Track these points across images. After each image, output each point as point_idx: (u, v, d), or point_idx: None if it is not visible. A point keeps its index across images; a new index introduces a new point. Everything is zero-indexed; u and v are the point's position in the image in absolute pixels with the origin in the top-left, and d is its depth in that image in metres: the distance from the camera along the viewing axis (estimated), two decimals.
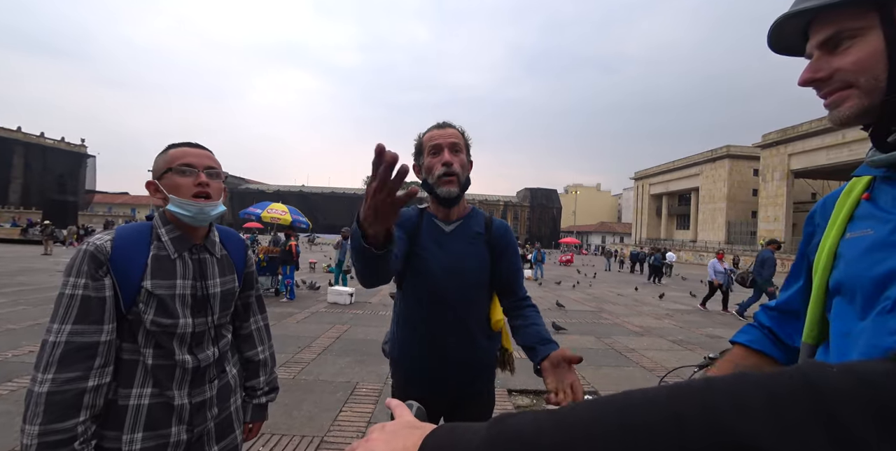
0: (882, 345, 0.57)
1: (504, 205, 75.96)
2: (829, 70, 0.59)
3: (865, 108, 0.58)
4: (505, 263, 1.22)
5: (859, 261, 0.63)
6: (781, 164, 32.15)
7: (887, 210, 0.62)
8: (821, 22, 0.59)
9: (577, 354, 1.04)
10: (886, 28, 0.55)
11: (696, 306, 8.78)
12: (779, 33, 0.64)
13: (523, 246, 25.46)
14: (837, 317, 0.67)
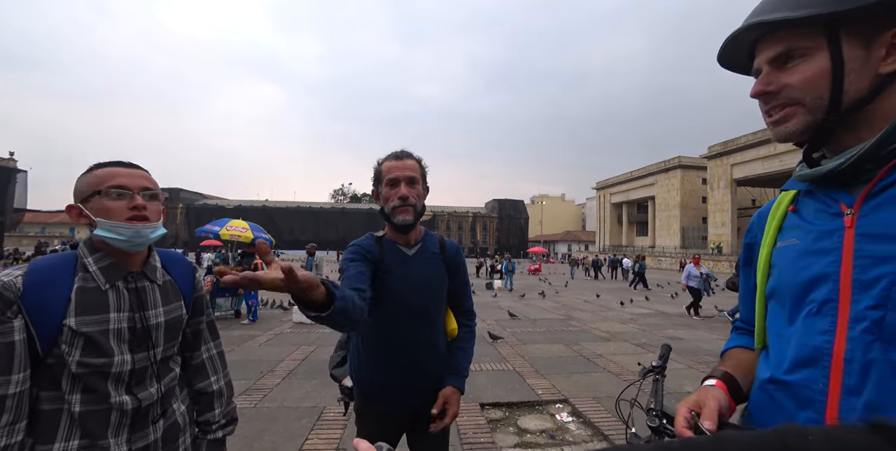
0: (811, 344, 0.61)
1: (473, 216, 76.80)
2: (779, 85, 0.61)
3: (809, 125, 0.61)
4: (458, 278, 1.35)
5: (788, 268, 0.68)
6: (725, 173, 34.80)
7: (810, 221, 0.67)
8: (772, 39, 0.62)
9: (452, 407, 1.24)
10: (833, 51, 0.57)
11: (659, 309, 9.18)
12: (731, 46, 0.66)
13: (493, 256, 25.73)
14: (772, 320, 0.72)
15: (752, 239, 0.80)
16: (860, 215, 0.59)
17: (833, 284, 0.59)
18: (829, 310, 0.59)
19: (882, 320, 0.54)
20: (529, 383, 3.92)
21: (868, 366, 0.54)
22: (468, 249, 74.97)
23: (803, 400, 0.61)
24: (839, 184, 0.63)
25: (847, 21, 0.57)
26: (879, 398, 0.53)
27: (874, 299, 0.55)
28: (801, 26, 0.59)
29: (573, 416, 3.19)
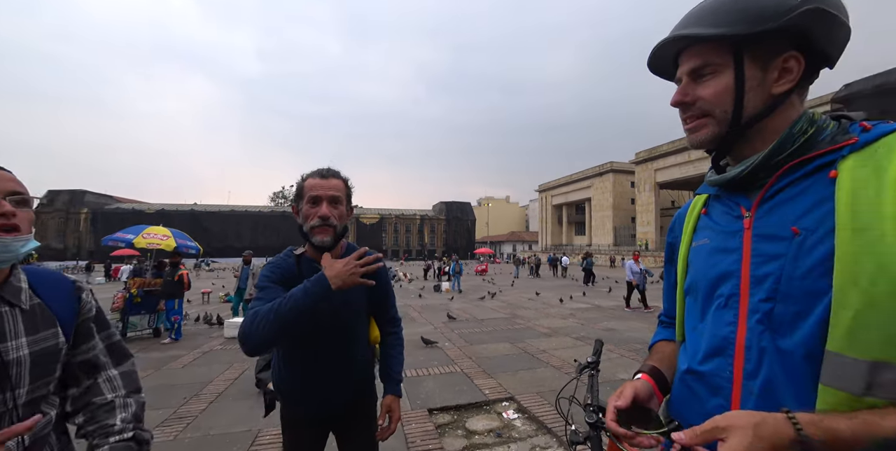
0: (719, 335, 0.65)
1: (421, 219, 76.78)
2: (694, 96, 0.66)
3: (717, 135, 0.66)
4: (380, 289, 1.35)
5: (701, 266, 0.72)
6: (650, 177, 38.40)
7: (718, 223, 0.72)
8: (690, 53, 0.67)
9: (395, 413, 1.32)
10: (737, 69, 0.62)
11: (596, 303, 9.81)
12: (658, 55, 0.71)
13: (441, 259, 25.89)
14: (689, 314, 0.75)
15: (674, 239, 0.86)
16: (756, 218, 0.64)
17: (736, 280, 0.64)
18: (733, 303, 0.64)
19: (771, 312, 0.58)
20: (477, 383, 3.94)
21: (762, 353, 0.59)
22: (416, 251, 74.80)
23: (714, 388, 0.64)
24: (741, 189, 0.69)
25: (749, 44, 0.62)
26: (770, 381, 0.57)
27: (765, 292, 0.59)
28: (714, 44, 0.64)
29: (519, 413, 3.25)
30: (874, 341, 0.49)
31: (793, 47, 0.61)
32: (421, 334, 6.47)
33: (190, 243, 7.22)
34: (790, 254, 0.58)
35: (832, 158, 0.58)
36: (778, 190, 0.62)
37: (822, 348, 0.53)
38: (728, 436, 0.48)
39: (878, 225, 0.50)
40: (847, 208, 0.53)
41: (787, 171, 0.62)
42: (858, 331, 0.50)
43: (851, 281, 0.51)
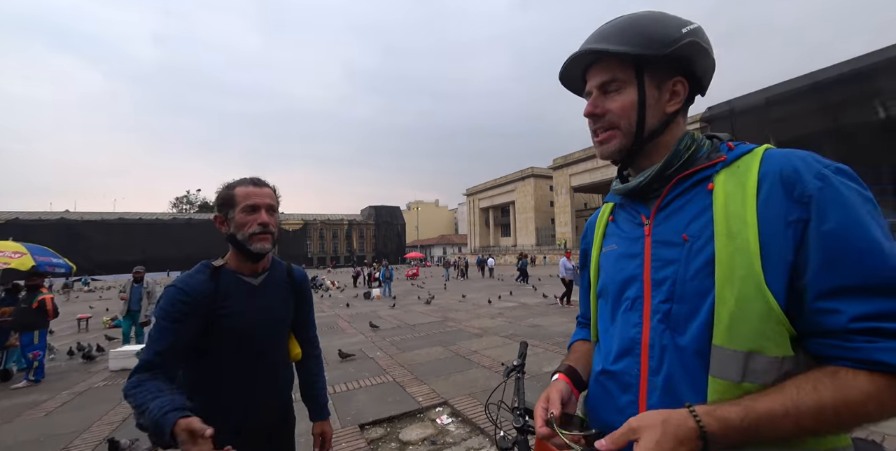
0: (627, 336, 0.68)
1: (348, 224, 74.18)
2: (604, 109, 0.69)
3: (624, 147, 0.70)
4: (305, 306, 1.35)
5: (610, 270, 0.76)
6: (566, 182, 41.98)
7: (623, 229, 0.77)
8: (599, 67, 0.70)
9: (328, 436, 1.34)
10: (639, 87, 0.67)
11: (522, 301, 10.33)
12: (569, 68, 0.74)
13: (371, 265, 25.23)
14: (601, 317, 0.78)
15: (587, 245, 0.90)
16: (654, 225, 0.69)
17: (640, 283, 0.68)
18: (638, 306, 0.68)
19: (669, 312, 0.63)
20: (410, 391, 3.86)
21: (663, 350, 0.63)
22: (344, 257, 72.02)
23: (625, 385, 0.68)
24: (641, 198, 0.74)
25: (648, 65, 0.67)
26: (670, 376, 0.62)
27: (664, 294, 0.64)
28: (620, 61, 0.68)
29: (452, 417, 3.25)
30: (746, 335, 0.55)
31: (679, 74, 0.69)
32: (346, 345, 6.19)
33: (56, 260, 5.92)
34: (682, 259, 0.63)
35: (709, 173, 0.66)
36: (670, 200, 0.69)
37: (707, 340, 0.58)
38: (641, 436, 0.51)
39: (744, 232, 0.57)
40: (722, 217, 0.60)
41: (677, 183, 0.68)
42: (734, 326, 0.56)
43: (727, 281, 0.57)
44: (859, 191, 0.56)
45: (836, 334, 0.52)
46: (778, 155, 0.61)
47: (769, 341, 0.55)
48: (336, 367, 4.88)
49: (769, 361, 0.55)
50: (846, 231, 0.53)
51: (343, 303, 12.39)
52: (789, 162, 0.59)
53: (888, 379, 0.49)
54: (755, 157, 0.63)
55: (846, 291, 0.52)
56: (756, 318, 0.55)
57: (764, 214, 0.57)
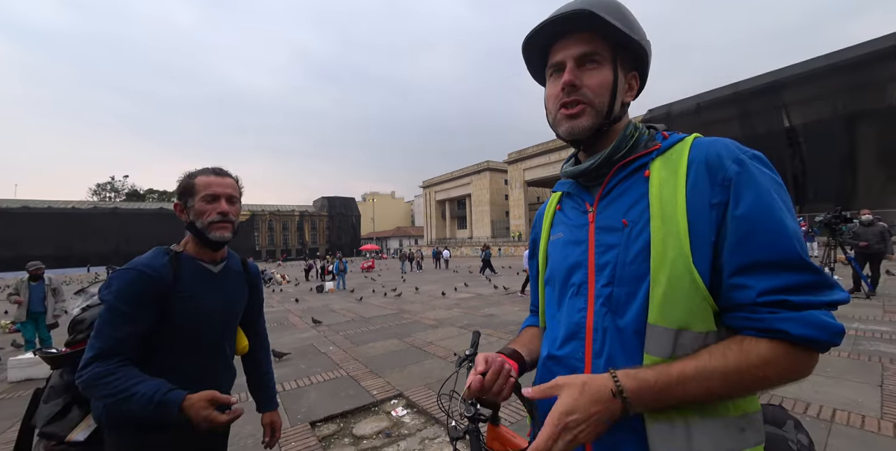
0: (573, 320, 0.69)
1: (300, 215, 71.17)
2: (582, 81, 0.67)
3: (594, 126, 0.69)
4: (257, 299, 1.39)
5: (557, 258, 0.76)
6: (520, 176, 43.17)
7: (569, 217, 0.78)
8: (581, 38, 0.67)
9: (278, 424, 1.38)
10: (614, 69, 0.67)
11: (477, 292, 10.54)
12: (542, 31, 0.69)
13: (324, 257, 24.45)
14: (548, 304, 0.79)
15: (536, 235, 0.91)
16: (597, 212, 0.71)
17: (584, 269, 0.70)
18: (584, 291, 0.69)
19: (611, 295, 0.65)
20: (365, 385, 3.81)
21: (605, 333, 0.65)
22: (296, 250, 69.12)
23: (571, 369, 0.69)
24: (586, 187, 0.76)
25: (620, 51, 0.68)
26: (611, 357, 0.64)
27: (606, 278, 0.66)
28: (600, 37, 0.67)
29: (408, 408, 3.26)
30: (676, 312, 0.58)
31: (635, 69, 0.72)
32: (297, 340, 5.97)
33: None
34: (622, 243, 0.66)
35: (646, 161, 0.68)
36: (612, 188, 0.71)
37: (644, 320, 0.61)
38: (561, 392, 0.56)
39: (675, 215, 0.60)
40: (657, 202, 0.63)
41: (618, 170, 0.70)
42: (666, 304, 0.59)
43: (661, 262, 0.60)
44: (771, 176, 0.61)
45: (745, 307, 0.57)
46: (705, 142, 0.66)
47: (695, 317, 0.58)
48: (285, 364, 4.69)
49: (695, 336, 0.58)
50: (757, 213, 0.57)
51: (294, 297, 11.91)
52: (714, 148, 0.63)
53: (785, 346, 0.54)
54: (686, 144, 0.66)
55: (755, 267, 0.56)
56: (685, 296, 0.58)
57: (692, 197, 0.61)
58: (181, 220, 1.17)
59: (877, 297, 6.61)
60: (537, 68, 0.78)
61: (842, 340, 0.54)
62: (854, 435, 2.40)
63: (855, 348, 4.03)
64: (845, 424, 2.54)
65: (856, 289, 6.88)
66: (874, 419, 2.58)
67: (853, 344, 4.19)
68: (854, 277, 6.90)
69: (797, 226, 0.59)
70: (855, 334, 4.56)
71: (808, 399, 2.91)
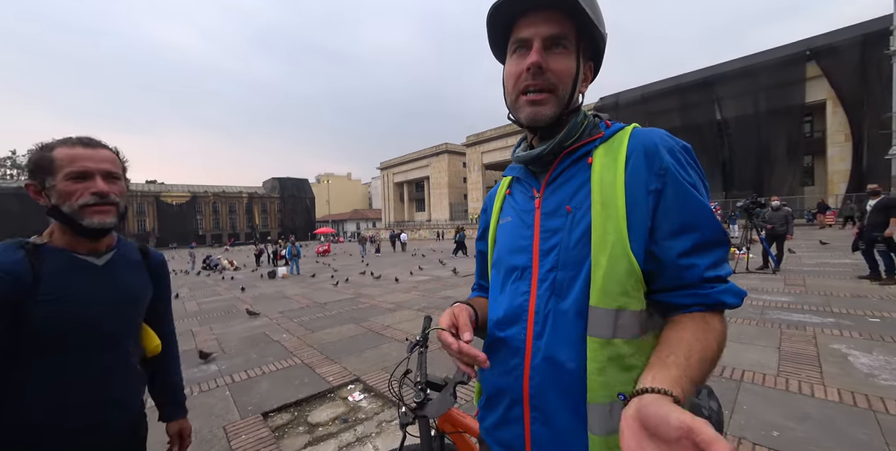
0: (515, 303, 0.72)
1: (249, 197, 67.07)
2: (548, 66, 0.66)
3: (555, 114, 0.69)
4: (164, 290, 1.20)
5: (504, 242, 0.79)
6: (478, 159, 43.46)
7: (518, 202, 0.79)
8: (552, 17, 0.65)
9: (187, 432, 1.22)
10: (577, 55, 0.68)
11: (435, 275, 10.67)
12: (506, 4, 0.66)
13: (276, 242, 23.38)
14: (493, 286, 0.82)
15: (487, 218, 0.92)
16: (543, 198, 0.73)
17: (529, 253, 0.72)
18: (528, 275, 0.72)
19: (555, 279, 0.68)
20: (320, 372, 3.77)
21: (547, 315, 0.68)
22: (245, 234, 65.44)
23: (514, 349, 0.72)
24: (534, 173, 0.78)
25: (584, 38, 0.69)
26: (552, 339, 0.67)
27: (550, 263, 0.69)
28: (570, 20, 0.66)
29: (365, 392, 3.28)
30: (615, 293, 0.62)
31: (591, 60, 0.73)
32: (248, 329, 5.75)
33: None
34: (566, 228, 0.69)
35: (589, 148, 0.71)
36: (558, 174, 0.73)
37: (585, 303, 0.64)
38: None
39: (615, 201, 0.64)
40: (598, 187, 0.66)
41: (564, 157, 0.73)
42: (606, 286, 0.62)
43: (601, 245, 0.63)
44: (696, 166, 0.68)
45: (694, 284, 0.62)
46: (643, 132, 0.69)
47: (632, 297, 0.62)
48: (235, 354, 4.51)
49: (631, 315, 0.62)
50: (690, 201, 0.63)
51: (243, 284, 11.35)
52: (650, 138, 0.67)
53: (720, 315, 0.63)
54: (626, 133, 0.70)
55: (699, 248, 0.63)
56: (623, 278, 0.62)
57: (630, 184, 0.64)
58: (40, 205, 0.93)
59: (781, 272, 7.57)
60: (499, 42, 0.73)
61: None
62: (758, 391, 2.79)
63: (762, 317, 4.62)
64: (751, 382, 2.94)
65: (764, 266, 7.83)
66: (772, 376, 3.01)
67: (761, 313, 4.79)
68: (763, 254, 7.84)
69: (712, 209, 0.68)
70: (763, 304, 5.21)
71: (723, 363, 3.31)
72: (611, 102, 29.37)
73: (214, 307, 7.87)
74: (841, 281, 6.42)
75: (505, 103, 0.75)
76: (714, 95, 25.75)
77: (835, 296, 5.42)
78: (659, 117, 27.47)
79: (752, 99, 24.53)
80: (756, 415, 2.46)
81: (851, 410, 2.46)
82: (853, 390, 2.71)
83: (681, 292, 0.63)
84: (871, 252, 6.18)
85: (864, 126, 21.29)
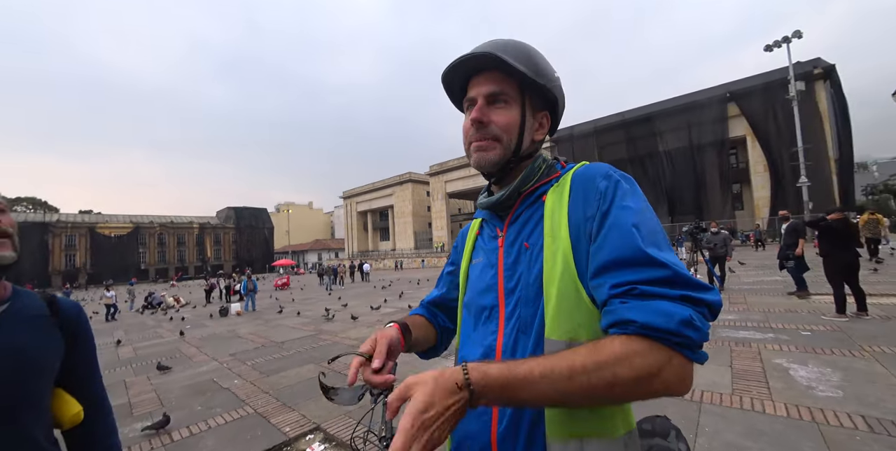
0: (485, 343, 0.71)
1: (200, 228, 63.23)
2: (489, 119, 0.71)
3: (502, 159, 0.73)
4: (83, 351, 1.01)
5: (475, 282, 0.79)
6: (442, 188, 44.23)
7: (486, 242, 0.82)
8: (491, 77, 0.72)
9: None
10: (523, 108, 0.72)
11: (399, 306, 10.37)
12: (457, 69, 0.73)
13: (229, 276, 21.93)
14: (463, 325, 0.82)
15: (457, 256, 0.95)
16: (506, 237, 0.76)
17: (495, 292, 0.73)
18: (495, 314, 0.72)
19: (519, 316, 0.68)
20: (275, 422, 3.45)
21: (514, 353, 0.68)
22: (195, 268, 60.96)
23: None
24: (498, 214, 0.81)
25: (529, 91, 0.74)
26: None
27: (514, 300, 0.70)
28: (508, 78, 0.72)
29: (326, 442, 3.02)
30: (566, 325, 0.62)
31: (546, 109, 0.79)
32: (195, 375, 5.21)
33: None
34: (524, 264, 0.70)
35: (546, 188, 0.76)
36: (519, 214, 0.77)
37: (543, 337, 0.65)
38: (415, 391, 0.52)
39: (559, 231, 0.67)
40: (549, 222, 0.69)
41: (524, 198, 0.77)
42: (558, 318, 0.63)
43: (551, 278, 0.65)
44: (632, 191, 0.66)
45: (604, 304, 0.58)
46: (584, 166, 0.74)
47: (581, 328, 0.62)
48: (175, 407, 4.04)
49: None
50: (615, 220, 0.61)
51: (188, 324, 10.41)
52: (590, 170, 0.71)
53: (641, 341, 0.51)
54: (572, 170, 0.74)
55: (607, 267, 0.59)
56: (573, 308, 0.62)
57: (572, 214, 0.67)
58: None
59: (724, 291, 8.13)
60: (458, 98, 0.82)
61: (697, 333, 0.51)
62: (717, 412, 2.88)
63: (713, 336, 4.88)
64: (710, 402, 3.04)
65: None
66: (727, 394, 3.14)
67: (712, 332, 5.06)
68: (708, 275, 8.44)
69: (654, 233, 0.61)
70: (713, 323, 5.53)
71: None
72: (566, 134, 31.56)
73: (154, 353, 7.10)
74: (775, 298, 6.99)
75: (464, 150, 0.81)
76: (655, 129, 28.59)
77: (772, 312, 5.88)
78: (609, 149, 29.82)
79: (686, 133, 27.59)
80: (718, 436, 2.53)
81: (798, 423, 2.60)
82: (797, 403, 2.89)
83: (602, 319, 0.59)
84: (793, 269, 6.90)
85: (777, 159, 24.39)
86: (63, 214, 56.91)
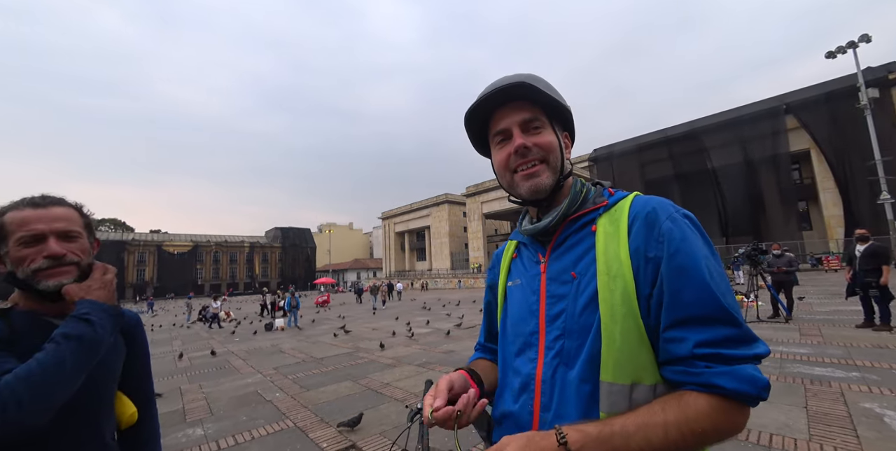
0: (524, 371, 0.70)
1: (250, 247, 67.30)
2: (532, 142, 0.72)
3: (553, 182, 0.74)
4: (140, 356, 1.10)
5: (514, 305, 0.78)
6: (478, 209, 44.32)
7: (525, 266, 0.81)
8: (520, 107, 0.74)
9: None
10: (553, 129, 0.75)
11: (436, 327, 10.30)
12: (486, 101, 0.74)
13: (274, 292, 22.96)
14: (501, 349, 0.81)
15: (493, 278, 0.92)
16: (549, 263, 0.74)
17: (536, 319, 0.72)
18: (535, 341, 0.71)
19: (563, 347, 0.67)
20: (313, 437, 3.49)
21: (553, 385, 0.66)
22: (244, 284, 64.51)
23: (521, 424, 0.69)
24: (539, 239, 0.79)
25: (554, 116, 0.77)
26: (560, 410, 0.64)
27: (558, 330, 0.68)
28: (537, 106, 0.75)
29: None
30: (630, 368, 0.61)
31: (566, 130, 0.81)
32: (239, 387, 5.43)
33: None
34: (571, 295, 0.68)
35: (593, 216, 0.73)
36: (563, 240, 0.75)
37: (594, 375, 0.62)
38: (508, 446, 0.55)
39: (622, 271, 0.64)
40: (602, 256, 0.67)
41: (568, 224, 0.75)
42: (621, 361, 0.61)
43: (612, 319, 0.62)
44: (699, 234, 0.66)
45: (683, 360, 0.58)
46: (643, 200, 0.71)
47: (645, 371, 0.61)
48: (223, 416, 4.21)
49: (646, 389, 0.60)
50: (687, 269, 0.60)
51: (238, 337, 10.94)
52: (650, 205, 0.68)
53: (720, 401, 0.56)
54: (627, 201, 0.72)
55: (688, 321, 0.59)
56: (637, 351, 0.61)
57: (634, 252, 0.64)
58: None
59: (794, 320, 7.31)
60: (478, 137, 0.83)
61: (768, 393, 0.56)
62: None
63: (781, 371, 4.37)
64: (781, 448, 2.69)
65: (775, 314, 7.59)
66: (804, 441, 2.77)
67: (780, 367, 4.55)
68: (772, 302, 7.64)
69: (724, 281, 0.62)
70: (780, 357, 4.96)
71: (748, 425, 3.07)
72: (605, 152, 30.87)
73: (206, 363, 7.51)
74: (858, 331, 6.18)
75: (502, 188, 0.81)
76: (702, 145, 27.16)
77: (855, 347, 5.19)
78: (651, 166, 28.64)
79: (737, 148, 25.87)
80: None
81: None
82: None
83: (671, 368, 0.60)
84: (868, 298, 6.10)
85: (848, 173, 22.14)
86: (137, 233, 63.52)
